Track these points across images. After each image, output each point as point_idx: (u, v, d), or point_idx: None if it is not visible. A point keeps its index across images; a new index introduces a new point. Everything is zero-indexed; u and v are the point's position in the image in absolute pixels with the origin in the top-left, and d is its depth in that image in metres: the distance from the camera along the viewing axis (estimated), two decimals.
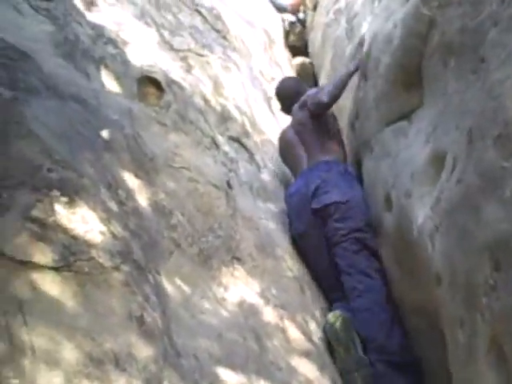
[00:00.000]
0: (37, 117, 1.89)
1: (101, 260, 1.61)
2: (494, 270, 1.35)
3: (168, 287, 1.94)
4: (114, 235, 1.74)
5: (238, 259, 2.46)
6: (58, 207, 1.64)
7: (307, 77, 5.09)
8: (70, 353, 1.35)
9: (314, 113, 3.18)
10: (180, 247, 2.16)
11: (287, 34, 5.87)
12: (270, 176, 3.36)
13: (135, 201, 2.08)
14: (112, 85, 2.62)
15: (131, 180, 2.15)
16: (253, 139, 3.43)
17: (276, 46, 5.56)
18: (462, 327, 1.53)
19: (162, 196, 2.25)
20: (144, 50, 2.92)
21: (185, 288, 2.05)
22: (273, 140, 3.69)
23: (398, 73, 2.32)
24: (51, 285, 1.45)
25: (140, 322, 1.60)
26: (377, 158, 2.51)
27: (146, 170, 2.26)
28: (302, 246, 3.02)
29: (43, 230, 1.54)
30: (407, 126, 2.26)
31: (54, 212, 1.62)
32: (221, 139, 3.06)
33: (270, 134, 3.74)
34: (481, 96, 1.52)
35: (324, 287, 3.00)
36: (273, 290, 2.52)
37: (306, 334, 2.51)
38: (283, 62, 5.32)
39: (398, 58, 2.30)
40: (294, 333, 2.43)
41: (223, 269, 2.34)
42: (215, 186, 2.63)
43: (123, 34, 2.86)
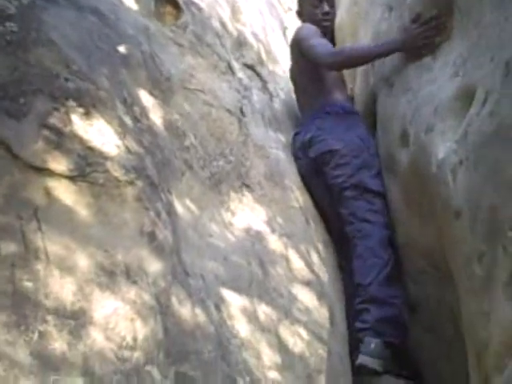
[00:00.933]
0: (55, 26, 1.85)
1: (116, 173, 1.61)
2: None
3: (178, 207, 1.95)
4: (128, 150, 1.73)
5: (247, 186, 2.46)
6: (74, 117, 1.63)
7: None
8: (82, 261, 1.37)
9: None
10: (192, 169, 2.15)
11: None
12: (282, 106, 3.31)
13: (150, 119, 2.06)
14: (130, 1, 2.55)
15: (146, 98, 2.12)
16: (267, 68, 3.37)
17: None
18: (481, 261, 1.54)
19: (176, 117, 2.23)
20: None
21: (194, 209, 2.06)
22: (286, 70, 3.63)
23: (427, 3, 2.24)
24: (66, 193, 1.45)
25: (151, 237, 1.61)
26: (396, 93, 2.46)
27: (162, 90, 2.23)
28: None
29: (59, 139, 1.53)
30: (432, 61, 2.20)
31: (70, 122, 1.61)
32: (236, 65, 3.01)
33: (284, 64, 3.67)
34: None
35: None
36: (279, 219, 2.53)
37: (308, 265, 2.54)
38: None
39: None
40: (297, 262, 2.46)
41: (232, 194, 2.35)
42: (229, 111, 2.60)
43: None
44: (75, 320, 1.22)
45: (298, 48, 3.15)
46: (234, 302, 1.91)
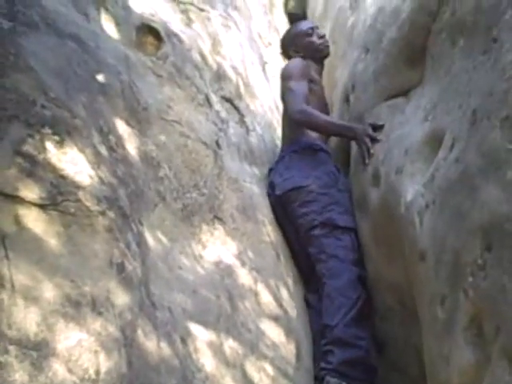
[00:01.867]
0: (35, 52, 1.85)
1: (87, 203, 1.61)
2: (485, 250, 1.37)
3: (149, 238, 1.94)
4: (102, 180, 1.73)
5: (220, 219, 2.47)
6: (48, 145, 1.63)
7: None
8: (48, 291, 1.36)
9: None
10: (165, 200, 2.15)
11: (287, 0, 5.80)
12: (258, 140, 3.34)
13: (125, 149, 2.06)
14: (111, 29, 2.57)
15: (123, 127, 2.12)
16: (245, 101, 3.40)
17: (276, 10, 5.50)
18: (443, 304, 1.56)
19: (152, 147, 2.24)
20: None
21: (165, 241, 2.05)
22: (264, 105, 3.67)
23: (402, 48, 2.30)
24: (36, 222, 1.44)
25: (120, 269, 1.61)
26: None
27: (139, 120, 2.24)
28: None
29: (32, 167, 1.53)
30: (404, 103, 2.27)
31: (44, 149, 1.60)
32: (214, 98, 3.03)
33: (262, 98, 3.72)
34: (490, 77, 1.51)
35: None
36: (250, 253, 2.54)
37: (277, 299, 2.54)
38: (281, 28, 5.26)
39: (404, 33, 2.28)
40: (266, 297, 2.46)
41: (204, 227, 2.35)
42: (205, 143, 2.61)
43: None
44: (37, 351, 1.21)
45: (281, 85, 3.25)
46: (201, 335, 1.90)
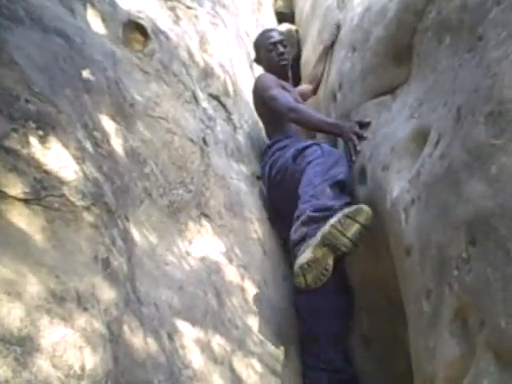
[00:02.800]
0: (19, 46, 1.83)
1: (72, 198, 1.59)
2: (470, 245, 1.38)
3: (135, 235, 1.93)
4: (86, 175, 1.72)
5: (206, 216, 2.46)
6: (32, 140, 1.61)
7: (291, 45, 5.05)
8: (32, 287, 1.34)
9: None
10: (151, 197, 2.14)
11: None
12: (245, 138, 3.34)
13: (110, 145, 2.04)
14: (97, 25, 2.55)
15: (108, 123, 2.11)
16: (232, 99, 3.40)
17: (264, 8, 5.50)
18: (428, 298, 1.57)
19: (138, 144, 2.22)
20: None
21: (151, 238, 2.04)
22: (251, 102, 3.67)
23: (389, 46, 2.31)
24: (19, 217, 1.42)
25: (105, 264, 1.59)
26: None
27: (125, 116, 2.23)
28: None
29: (16, 161, 1.51)
30: (391, 101, 2.28)
31: (28, 144, 1.58)
32: (201, 95, 3.02)
33: (249, 96, 3.71)
34: (475, 74, 1.52)
35: None
36: (236, 250, 2.53)
37: (265, 296, 2.54)
38: (269, 27, 5.26)
39: (391, 32, 2.29)
40: (253, 293, 2.45)
41: (190, 224, 2.34)
42: (191, 140, 2.60)
43: None
44: (21, 347, 1.19)
45: (259, 97, 3.40)
46: (188, 332, 1.89)
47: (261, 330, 2.36)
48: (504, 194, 1.28)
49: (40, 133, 1.64)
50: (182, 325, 1.89)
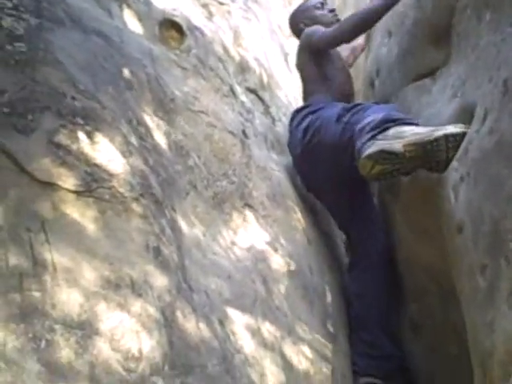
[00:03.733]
0: (62, 47, 1.89)
1: (121, 190, 1.64)
2: None
3: (182, 225, 1.96)
4: (134, 168, 1.76)
5: (250, 206, 2.48)
6: (80, 135, 1.66)
7: None
8: (88, 274, 1.38)
9: (313, 47, 3.01)
10: (196, 189, 2.17)
11: None
12: (284, 130, 3.35)
13: (154, 139, 2.08)
14: (134, 25, 2.60)
15: (151, 118, 2.15)
16: (269, 92, 3.42)
17: (295, 2, 5.49)
18: (484, 273, 1.56)
19: (181, 137, 2.26)
20: None
21: (198, 228, 2.07)
22: (288, 95, 3.68)
23: (426, 28, 2.29)
24: (73, 208, 1.47)
25: (156, 253, 1.63)
26: None
27: (166, 111, 2.27)
28: None
29: (66, 156, 1.56)
30: (431, 84, 2.25)
31: (77, 139, 1.63)
32: (238, 89, 3.05)
33: (286, 88, 3.72)
34: None
35: None
36: (281, 239, 2.54)
37: (312, 285, 2.54)
38: None
39: (427, 13, 2.26)
40: (300, 282, 2.46)
41: (235, 214, 2.36)
42: (232, 133, 2.63)
43: None
44: (81, 330, 1.23)
45: (305, 47, 3.11)
46: (238, 319, 1.92)
47: (309, 317, 2.37)
48: None
49: (87, 128, 1.69)
50: (232, 312, 1.91)
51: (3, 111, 1.49)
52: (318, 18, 3.27)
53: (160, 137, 2.14)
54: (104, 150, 1.69)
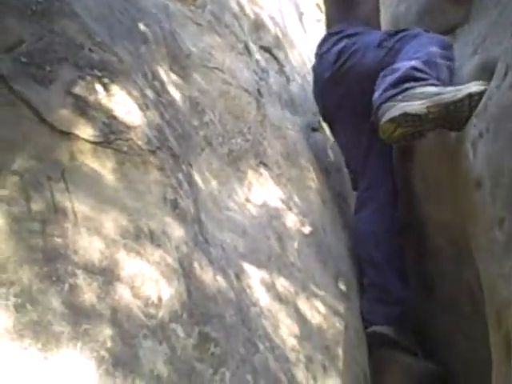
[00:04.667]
0: None
1: (139, 142, 1.64)
2: None
3: (198, 180, 1.97)
4: (150, 121, 1.76)
5: (265, 165, 2.48)
6: (98, 87, 1.65)
7: None
8: (108, 223, 1.39)
9: None
10: (211, 145, 2.17)
11: None
12: (298, 90, 3.33)
13: (170, 94, 2.08)
14: None
15: (167, 74, 2.14)
16: (284, 51, 3.39)
17: None
18: (502, 226, 1.56)
19: (196, 94, 2.25)
20: None
21: (213, 184, 2.08)
22: (302, 55, 3.65)
23: None
24: (92, 158, 1.47)
25: (174, 205, 1.64)
26: None
27: (182, 66, 2.26)
28: None
29: (84, 106, 1.56)
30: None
31: (94, 91, 1.63)
32: (253, 47, 3.02)
33: (301, 48, 3.69)
34: None
35: None
36: (295, 198, 2.55)
37: (326, 243, 2.56)
38: None
39: None
40: (314, 240, 2.47)
41: (250, 172, 2.36)
42: (247, 91, 2.62)
43: None
44: (103, 276, 1.25)
45: None
46: (253, 273, 1.93)
47: (322, 275, 2.38)
48: None
49: (105, 80, 1.68)
50: (247, 266, 1.93)
51: (21, 61, 1.48)
52: None
53: (175, 92, 2.13)
54: (121, 103, 1.69)
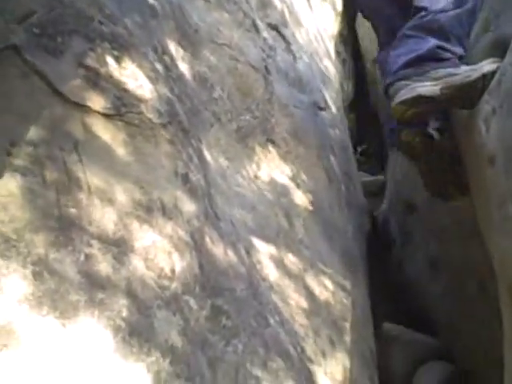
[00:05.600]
0: None
1: (150, 115, 1.63)
2: None
3: (207, 155, 1.96)
4: (161, 95, 1.75)
5: (273, 142, 2.47)
6: (109, 59, 1.64)
7: None
8: (120, 195, 1.39)
9: None
10: (220, 121, 2.16)
11: None
12: (305, 68, 3.30)
13: (179, 69, 2.06)
14: None
15: (176, 48, 2.12)
16: (291, 29, 3.36)
17: None
18: None
19: (205, 69, 2.24)
20: None
21: (222, 160, 2.07)
22: (309, 33, 3.62)
23: None
24: (104, 130, 1.46)
25: (185, 179, 1.63)
26: None
27: (191, 42, 2.24)
28: None
29: (96, 78, 1.54)
30: None
31: (105, 63, 1.61)
32: (261, 24, 3.00)
33: (307, 26, 3.66)
34: None
35: None
36: (303, 176, 2.55)
37: (332, 221, 2.56)
38: None
39: None
40: (321, 218, 2.48)
41: (258, 149, 2.36)
42: (254, 68, 2.60)
43: None
44: (117, 247, 1.25)
45: None
46: (263, 248, 1.94)
47: (329, 252, 2.39)
48: None
49: (115, 53, 1.67)
50: (256, 242, 1.93)
51: (34, 31, 1.47)
52: None
53: (184, 67, 2.12)
54: (132, 76, 1.67)
